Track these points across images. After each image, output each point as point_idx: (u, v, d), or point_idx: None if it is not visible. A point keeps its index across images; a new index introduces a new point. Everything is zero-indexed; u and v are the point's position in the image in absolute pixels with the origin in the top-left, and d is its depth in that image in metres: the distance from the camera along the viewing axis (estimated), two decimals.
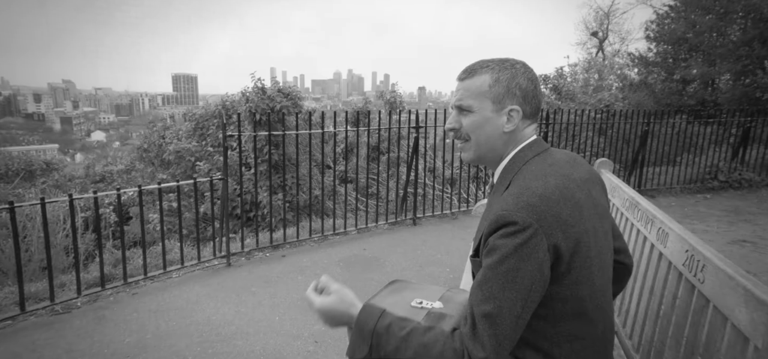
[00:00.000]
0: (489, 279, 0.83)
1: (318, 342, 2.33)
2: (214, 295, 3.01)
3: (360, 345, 0.93)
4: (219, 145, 8.44)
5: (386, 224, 4.57)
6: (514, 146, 1.01)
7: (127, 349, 2.37)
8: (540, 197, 0.86)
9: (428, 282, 3.04)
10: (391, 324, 0.91)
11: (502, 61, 1.01)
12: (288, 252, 3.87)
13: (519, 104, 0.98)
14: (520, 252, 0.82)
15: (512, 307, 0.81)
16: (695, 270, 0.97)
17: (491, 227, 0.86)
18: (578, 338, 0.92)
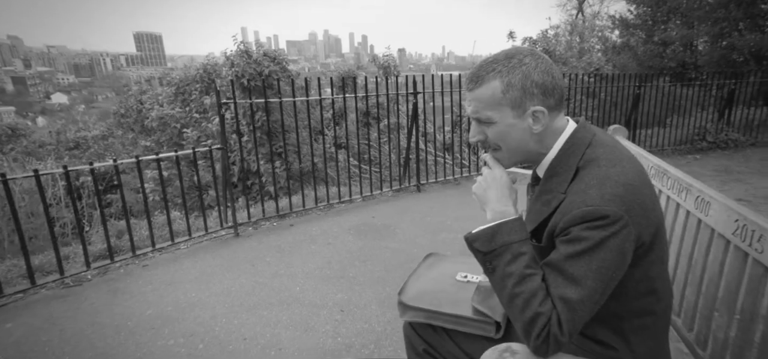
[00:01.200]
0: (572, 267, 0.83)
1: (344, 311, 2.35)
2: (229, 266, 2.99)
3: (486, 241, 0.92)
4: (204, 111, 8.19)
5: (390, 191, 4.57)
6: (555, 138, 0.97)
7: (150, 321, 2.34)
8: (625, 186, 0.84)
9: (443, 248, 3.09)
10: (523, 255, 0.89)
11: (508, 60, 0.93)
12: (295, 221, 3.84)
13: (540, 103, 0.92)
14: (607, 244, 0.82)
15: (592, 295, 0.82)
16: (750, 239, 1.01)
17: (576, 219, 0.84)
18: (647, 314, 0.94)
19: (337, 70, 11.79)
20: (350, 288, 2.59)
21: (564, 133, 0.97)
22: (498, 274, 0.90)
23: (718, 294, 1.17)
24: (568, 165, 0.94)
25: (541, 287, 0.86)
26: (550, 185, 0.96)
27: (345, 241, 3.35)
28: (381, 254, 3.08)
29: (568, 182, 0.92)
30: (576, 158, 0.94)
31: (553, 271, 0.86)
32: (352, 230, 3.56)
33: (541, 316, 0.82)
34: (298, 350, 2.03)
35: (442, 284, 1.26)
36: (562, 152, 0.96)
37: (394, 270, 2.82)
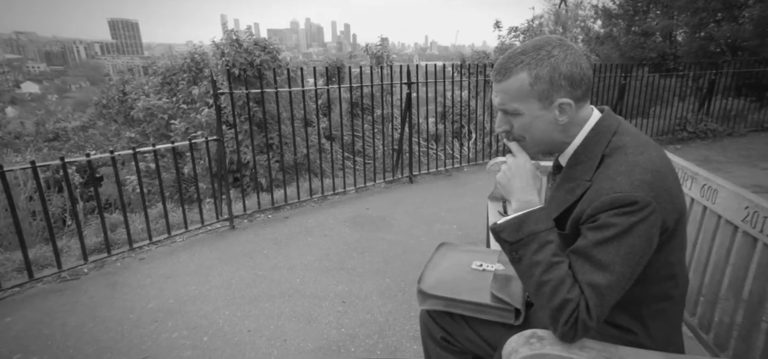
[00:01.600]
0: (600, 253, 0.85)
1: (345, 303, 2.40)
2: (227, 259, 3.00)
3: (513, 231, 0.93)
4: (192, 102, 8.07)
5: (383, 183, 4.62)
6: (579, 127, 0.98)
7: (153, 314, 2.35)
8: (653, 172, 0.87)
9: (439, 239, 3.16)
10: (550, 244, 0.90)
11: (536, 51, 0.93)
12: (290, 214, 3.86)
13: (568, 95, 0.93)
14: (636, 229, 0.84)
15: (620, 280, 0.85)
16: (761, 225, 1.07)
17: (605, 206, 0.85)
18: (665, 299, 0.97)
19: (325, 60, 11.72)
20: (350, 280, 2.64)
21: (589, 122, 0.98)
22: (525, 263, 0.91)
23: (723, 279, 1.23)
24: (593, 153, 0.95)
25: (568, 274, 0.87)
26: (574, 174, 0.97)
27: (341, 233, 3.39)
28: (378, 245, 3.13)
29: (593, 170, 0.93)
30: (601, 146, 0.95)
31: (579, 258, 0.88)
32: (348, 222, 3.60)
33: (569, 302, 0.85)
34: (303, 341, 2.07)
35: (459, 272, 1.30)
36: (586, 140, 0.98)
37: (392, 261, 2.88)
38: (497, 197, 2.53)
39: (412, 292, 2.47)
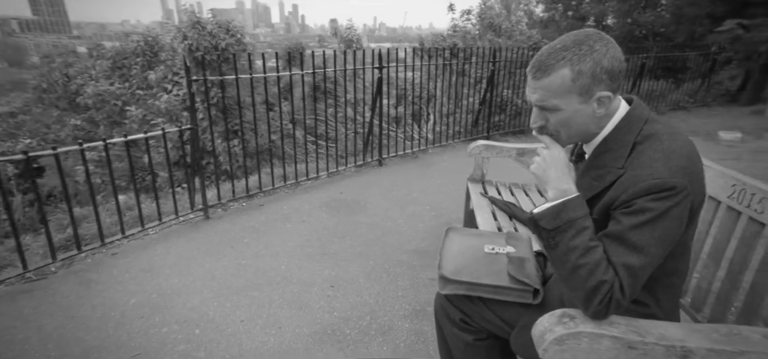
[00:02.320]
0: (635, 236, 0.90)
1: (334, 287, 2.47)
2: (206, 249, 2.98)
3: (551, 219, 0.96)
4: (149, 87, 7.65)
5: (353, 167, 4.67)
6: (609, 118, 1.01)
7: (137, 310, 2.32)
8: (687, 158, 0.92)
9: (415, 221, 3.29)
10: (587, 229, 0.94)
11: (578, 46, 0.94)
12: (264, 201, 3.85)
13: (607, 88, 0.95)
14: (671, 213, 0.89)
15: (653, 261, 0.91)
16: (749, 201, 1.23)
17: (643, 191, 0.90)
18: (675, 274, 1.04)
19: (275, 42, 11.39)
20: (335, 264, 2.71)
21: (619, 112, 1.01)
22: (561, 248, 0.95)
23: (702, 248, 1.39)
24: (624, 141, 0.98)
25: (603, 257, 0.92)
26: (602, 161, 1.01)
27: (319, 218, 3.44)
28: (357, 229, 3.21)
29: (625, 158, 0.96)
30: (633, 134, 0.98)
31: (613, 241, 0.93)
32: (324, 207, 3.65)
33: (604, 284, 0.90)
34: (298, 327, 2.14)
35: (474, 257, 1.37)
36: (616, 129, 1.01)
37: (373, 244, 2.97)
38: (476, 179, 2.69)
39: (397, 273, 2.59)
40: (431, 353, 1.92)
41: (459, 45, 7.89)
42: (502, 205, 2.28)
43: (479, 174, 2.71)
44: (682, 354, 0.93)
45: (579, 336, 0.96)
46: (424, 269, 2.62)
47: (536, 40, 8.35)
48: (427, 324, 2.10)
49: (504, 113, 6.17)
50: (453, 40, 8.53)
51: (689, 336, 0.94)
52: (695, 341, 0.93)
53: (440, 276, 1.33)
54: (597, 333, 0.95)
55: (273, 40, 20.90)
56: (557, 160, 1.02)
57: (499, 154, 2.72)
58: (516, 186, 2.67)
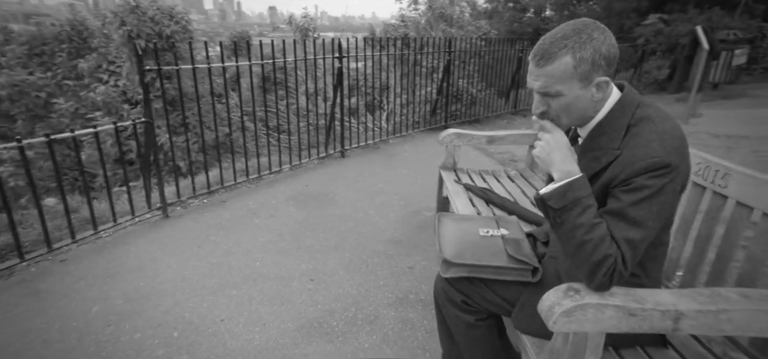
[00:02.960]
0: (635, 211, 0.98)
1: (314, 280, 2.45)
2: (171, 250, 2.82)
3: (558, 199, 1.02)
4: (79, 78, 7.00)
5: (316, 159, 4.62)
6: (603, 102, 1.08)
7: (103, 318, 2.16)
8: (679, 138, 1.00)
9: (385, 212, 3.33)
10: (591, 207, 1.00)
11: (577, 34, 1.00)
12: (226, 197, 3.71)
13: (605, 74, 1.01)
14: (667, 189, 0.97)
15: (651, 233, 0.99)
16: (713, 177, 1.37)
17: (641, 170, 0.97)
18: (661, 244, 1.12)
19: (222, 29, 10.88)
20: (311, 258, 2.69)
21: (612, 96, 1.08)
22: (567, 226, 1.01)
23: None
24: (618, 124, 1.05)
25: (607, 233, 0.98)
26: (598, 144, 1.08)
27: (288, 212, 3.37)
28: (329, 222, 3.19)
29: (621, 139, 1.03)
30: (626, 117, 1.05)
31: (614, 217, 1.00)
32: (292, 201, 3.59)
33: (609, 257, 0.97)
34: (283, 322, 2.10)
35: (472, 240, 1.42)
36: (610, 113, 1.07)
37: (347, 236, 2.97)
38: (448, 167, 2.77)
39: (376, 263, 2.61)
40: (420, 338, 1.97)
41: (412, 35, 7.97)
42: (478, 191, 2.37)
43: (451, 162, 2.79)
44: (676, 316, 1.03)
45: (585, 307, 1.04)
46: (401, 258, 2.66)
47: (486, 30, 8.65)
48: (412, 312, 2.15)
49: (460, 103, 6.35)
50: (404, 31, 8.61)
51: (679, 301, 1.05)
52: (685, 304, 1.04)
53: (443, 259, 1.36)
54: (601, 304, 1.03)
55: (207, 28, 19.67)
56: (560, 143, 1.07)
57: (469, 142, 2.82)
58: (486, 173, 2.78)
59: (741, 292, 1.08)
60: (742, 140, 4.85)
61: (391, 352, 1.89)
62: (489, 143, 2.81)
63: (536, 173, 2.75)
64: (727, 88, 8.41)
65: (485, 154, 4.82)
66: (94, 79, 6.68)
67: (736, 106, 7.07)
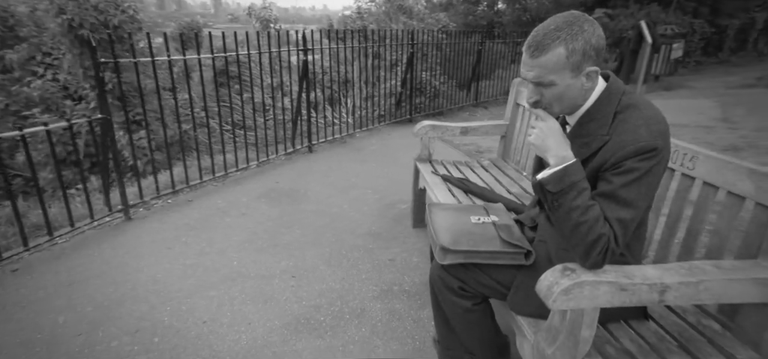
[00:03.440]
0: (626, 192, 1.05)
1: (295, 277, 2.42)
2: (138, 253, 2.69)
3: (556, 183, 1.07)
4: (8, 70, 6.40)
5: (284, 155, 4.53)
6: (591, 91, 1.13)
7: (72, 328, 2.03)
8: (662, 123, 1.07)
9: (360, 206, 3.34)
10: (586, 190, 1.07)
11: (569, 26, 1.04)
12: (193, 196, 3.57)
13: (594, 64, 1.07)
14: (654, 171, 1.05)
15: (639, 213, 1.07)
16: (682, 160, 1.48)
17: (631, 153, 1.04)
18: (642, 224, 1.20)
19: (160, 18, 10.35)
20: (290, 255, 2.65)
21: (599, 85, 1.14)
22: (564, 209, 1.06)
23: None
24: (606, 112, 1.11)
25: (600, 214, 1.05)
26: (587, 130, 1.14)
27: (260, 210, 3.30)
28: (304, 218, 3.16)
29: (609, 126, 1.10)
30: (613, 105, 1.11)
31: (606, 199, 1.06)
32: (263, 198, 3.51)
33: (603, 237, 1.04)
34: (268, 320, 2.06)
35: (465, 228, 1.46)
36: (598, 101, 1.13)
37: (324, 231, 2.95)
38: (424, 159, 2.82)
39: (356, 257, 2.62)
40: (408, 328, 2.01)
41: (373, 27, 7.96)
42: (456, 182, 2.44)
43: (426, 154, 2.84)
44: (662, 289, 1.13)
45: (582, 285, 1.11)
46: (381, 251, 2.69)
47: (445, 23, 8.79)
48: (397, 303, 2.18)
49: (423, 96, 6.43)
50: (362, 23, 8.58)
51: (664, 274, 1.15)
52: (669, 277, 1.13)
53: (441, 247, 1.39)
54: (596, 281, 1.10)
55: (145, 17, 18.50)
56: (554, 130, 1.13)
57: (444, 133, 2.88)
58: (460, 163, 2.86)
59: (715, 264, 1.20)
60: (683, 128, 5.27)
61: (381, 343, 1.92)
62: (463, 134, 2.89)
63: (508, 163, 2.86)
64: (667, 80, 9.06)
65: (452, 145, 4.93)
66: (27, 73, 6.12)
67: (676, 96, 7.64)
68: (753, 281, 1.14)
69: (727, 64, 10.94)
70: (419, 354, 1.85)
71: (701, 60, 11.11)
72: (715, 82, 8.53)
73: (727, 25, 11.28)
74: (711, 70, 10.40)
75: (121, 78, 3.17)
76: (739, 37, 11.36)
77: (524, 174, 2.63)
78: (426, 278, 2.38)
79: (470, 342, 1.50)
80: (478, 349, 1.50)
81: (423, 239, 2.82)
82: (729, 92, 7.46)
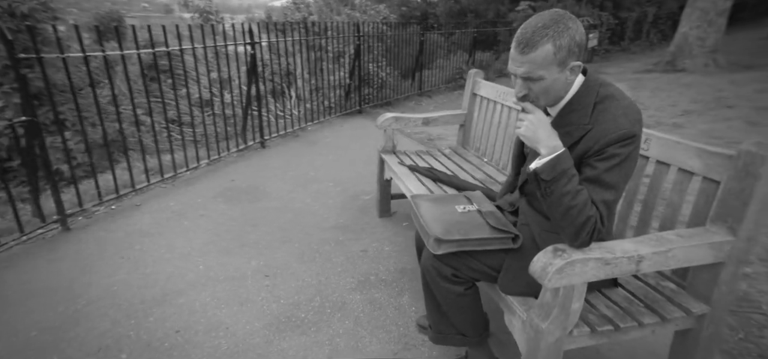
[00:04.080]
0: (609, 176, 1.15)
1: (269, 276, 2.36)
2: (87, 266, 2.47)
3: (549, 171, 1.14)
4: None
5: (236, 151, 4.35)
6: (572, 84, 1.22)
7: (19, 354, 1.83)
8: (637, 112, 1.17)
9: (323, 200, 3.31)
10: (575, 176, 1.15)
11: (556, 24, 1.11)
12: (140, 200, 3.33)
13: (577, 58, 1.15)
14: (631, 155, 1.16)
15: (620, 194, 1.20)
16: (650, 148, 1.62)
17: (613, 141, 1.13)
18: (615, 201, 1.26)
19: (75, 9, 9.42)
20: (259, 254, 2.58)
21: (579, 78, 1.21)
22: (556, 194, 1.14)
23: None
24: (586, 103, 1.20)
25: (588, 197, 1.14)
26: (569, 120, 1.22)
27: (219, 210, 3.16)
28: (267, 215, 3.07)
29: (589, 115, 1.18)
30: (592, 97, 1.20)
31: (591, 183, 1.16)
32: (220, 198, 3.36)
33: (591, 218, 1.14)
34: (248, 322, 2.00)
35: (454, 218, 1.51)
36: (578, 93, 1.22)
37: (290, 228, 2.90)
38: (389, 150, 2.86)
39: (328, 251, 2.60)
40: (391, 316, 2.05)
41: (314, 19, 7.81)
42: (426, 171, 2.50)
43: (391, 145, 2.88)
44: (638, 259, 1.26)
45: (573, 263, 1.21)
46: (352, 243, 2.69)
47: (385, 14, 8.84)
48: (377, 293, 2.21)
49: (370, 87, 6.45)
50: (301, 14, 8.38)
51: (638, 247, 1.28)
52: (643, 248, 1.27)
53: (435, 238, 1.43)
54: (584, 258, 1.21)
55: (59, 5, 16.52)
56: (543, 122, 1.20)
57: (406, 125, 2.94)
58: (423, 153, 2.93)
59: (677, 233, 1.36)
60: None
61: (367, 333, 1.94)
62: (425, 124, 2.96)
63: (468, 150, 2.98)
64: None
65: (403, 134, 5.01)
66: None
67: None
68: (707, 245, 1.32)
69: (628, 51, 12.17)
70: (405, 339, 1.90)
71: (609, 48, 12.24)
72: (623, 68, 9.40)
73: (627, 17, 12.52)
74: (616, 58, 11.45)
75: (36, 74, 2.85)
76: (636, 28, 12.67)
77: (485, 160, 2.76)
78: (400, 266, 2.43)
79: (462, 324, 1.57)
80: (469, 329, 1.58)
81: (391, 228, 2.87)
82: (635, 76, 8.28)
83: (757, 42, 10.55)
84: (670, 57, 8.41)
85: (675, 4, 12.95)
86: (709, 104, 5.67)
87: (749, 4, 12.94)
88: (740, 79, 6.95)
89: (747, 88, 6.35)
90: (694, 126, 4.82)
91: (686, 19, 8.20)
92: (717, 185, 1.38)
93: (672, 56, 8.36)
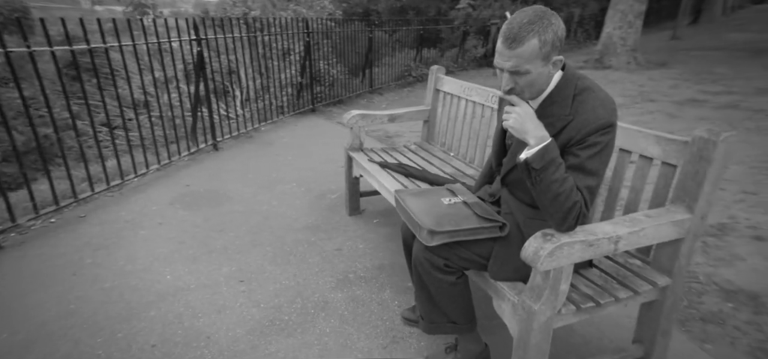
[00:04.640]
0: (591, 164, 1.23)
1: (244, 281, 2.28)
2: (33, 287, 2.24)
3: (539, 160, 1.20)
4: None
5: (187, 155, 4.13)
6: (553, 77, 1.29)
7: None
8: (613, 102, 1.25)
9: (289, 200, 3.26)
10: (562, 164, 1.22)
11: (540, 20, 1.16)
12: (85, 211, 3.07)
13: (559, 53, 1.22)
14: (610, 143, 1.25)
15: (601, 180, 1.28)
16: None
17: (593, 130, 1.21)
18: (597, 186, 1.33)
19: None
20: (230, 259, 2.48)
21: (558, 72, 1.29)
22: (545, 182, 1.21)
23: None
24: (565, 95, 1.27)
25: (574, 184, 1.21)
26: (550, 112, 1.29)
27: (179, 216, 2.99)
28: (233, 219, 2.96)
29: (569, 107, 1.26)
30: (571, 89, 1.27)
31: (575, 171, 1.24)
32: (177, 204, 3.18)
33: (577, 203, 1.22)
34: (229, 330, 1.93)
35: (442, 210, 1.55)
36: (557, 86, 1.29)
37: (259, 231, 2.82)
38: (356, 148, 2.87)
39: (302, 252, 2.57)
40: (375, 311, 2.07)
41: (256, 14, 7.56)
42: (396, 167, 2.55)
43: (358, 143, 2.90)
44: (616, 239, 1.39)
45: (562, 247, 1.30)
46: (325, 242, 2.67)
47: (330, 10, 8.77)
48: (358, 289, 2.22)
49: (322, 85, 6.38)
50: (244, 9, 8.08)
51: (615, 228, 1.42)
52: (620, 230, 1.40)
53: (428, 231, 1.46)
54: (571, 242, 1.31)
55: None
56: (529, 114, 1.26)
57: (373, 122, 2.96)
58: (391, 149, 2.97)
59: (645, 214, 1.51)
60: None
61: (354, 330, 1.95)
62: (391, 121, 3.01)
63: (433, 145, 3.06)
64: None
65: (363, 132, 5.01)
66: None
67: None
68: (671, 223, 1.48)
69: None
70: (392, 332, 1.93)
71: None
72: None
73: None
74: None
75: None
76: (566, 27, 13.78)
77: (451, 155, 2.86)
78: (377, 262, 2.46)
79: (454, 312, 1.63)
80: (461, 317, 1.64)
81: (362, 226, 2.88)
82: None
83: (666, 42, 11.80)
84: (598, 55, 9.14)
85: (597, 6, 14.10)
86: (635, 98, 6.25)
87: (654, 9, 14.43)
88: (657, 76, 7.73)
89: (663, 84, 7.08)
90: (624, 119, 5.28)
91: (610, 21, 8.96)
92: (674, 169, 1.55)
93: (600, 54, 9.09)
